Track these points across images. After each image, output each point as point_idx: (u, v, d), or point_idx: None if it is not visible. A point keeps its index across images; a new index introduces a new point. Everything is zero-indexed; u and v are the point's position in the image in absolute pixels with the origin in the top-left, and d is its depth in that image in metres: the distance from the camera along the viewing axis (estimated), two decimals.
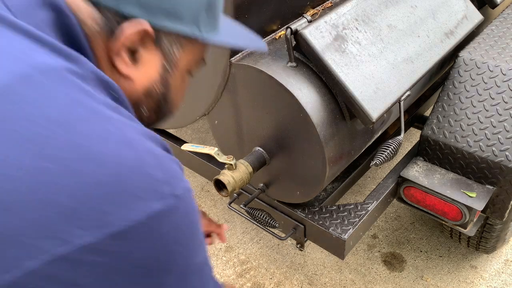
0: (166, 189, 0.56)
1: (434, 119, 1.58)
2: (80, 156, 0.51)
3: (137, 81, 0.69)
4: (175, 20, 0.68)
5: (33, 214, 0.48)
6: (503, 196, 1.49)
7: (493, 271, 2.09)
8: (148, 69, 0.70)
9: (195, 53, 0.76)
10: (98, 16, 0.64)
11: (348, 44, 1.29)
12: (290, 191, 1.46)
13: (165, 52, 0.70)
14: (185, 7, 0.69)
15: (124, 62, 0.67)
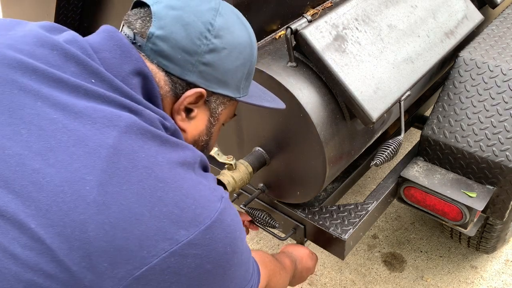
0: (218, 193, 0.75)
1: (435, 119, 1.57)
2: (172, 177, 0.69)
3: (189, 132, 0.86)
4: (224, 87, 0.84)
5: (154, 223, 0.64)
6: (504, 196, 1.49)
7: (493, 271, 2.09)
8: (198, 123, 0.86)
9: (232, 110, 0.94)
10: (168, 81, 0.80)
11: (348, 44, 1.28)
12: (290, 191, 1.46)
13: (212, 110, 0.87)
14: (232, 77, 0.85)
15: (181, 118, 0.83)
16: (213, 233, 0.69)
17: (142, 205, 0.64)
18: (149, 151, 0.68)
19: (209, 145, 0.94)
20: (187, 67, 0.79)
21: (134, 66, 0.75)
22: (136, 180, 0.65)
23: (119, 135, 0.67)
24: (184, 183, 0.69)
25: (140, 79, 0.76)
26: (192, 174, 0.72)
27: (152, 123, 0.72)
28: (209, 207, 0.70)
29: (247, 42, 0.86)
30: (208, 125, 0.89)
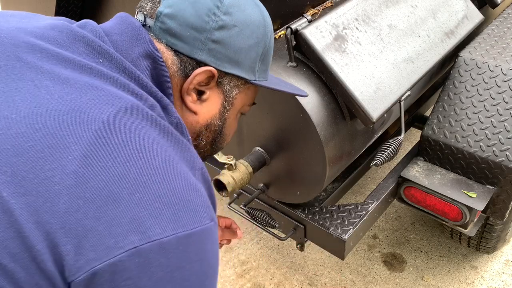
0: (211, 213, 0.66)
1: (435, 119, 1.57)
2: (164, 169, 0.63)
3: (201, 115, 0.83)
4: (236, 67, 0.81)
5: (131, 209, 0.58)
6: (504, 196, 1.49)
7: (493, 272, 2.09)
8: (211, 106, 0.83)
9: (249, 95, 0.89)
10: (177, 60, 0.78)
11: (348, 44, 1.28)
12: (290, 191, 1.46)
13: (225, 93, 0.83)
14: (245, 57, 0.81)
15: (192, 99, 0.80)
16: (188, 247, 0.61)
17: (123, 187, 0.59)
18: (146, 136, 0.64)
19: (224, 133, 0.89)
20: (196, 45, 0.77)
21: (144, 49, 0.74)
22: (123, 160, 0.60)
23: (116, 113, 0.63)
24: (176, 180, 0.64)
25: (150, 62, 0.75)
26: (190, 177, 0.67)
27: (154, 110, 0.69)
28: (195, 217, 0.63)
29: (259, 21, 0.83)
30: (221, 109, 0.85)
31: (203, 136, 0.86)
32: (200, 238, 0.63)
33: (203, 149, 0.89)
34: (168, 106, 0.72)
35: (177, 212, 0.61)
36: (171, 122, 0.72)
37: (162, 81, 0.76)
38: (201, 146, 0.88)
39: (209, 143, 0.88)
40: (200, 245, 0.63)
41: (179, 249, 0.60)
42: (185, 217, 0.62)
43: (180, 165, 0.65)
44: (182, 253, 0.60)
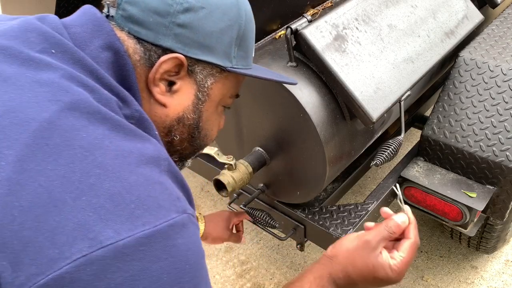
0: (180, 205, 0.60)
1: (435, 119, 1.57)
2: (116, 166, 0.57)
3: (171, 108, 0.76)
4: (208, 53, 0.75)
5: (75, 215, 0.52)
6: (504, 196, 1.49)
7: (493, 272, 2.09)
8: (182, 97, 0.76)
9: (228, 86, 0.82)
10: (140, 49, 0.72)
11: (348, 43, 1.28)
12: (290, 192, 1.46)
13: (199, 83, 0.77)
14: (217, 41, 0.75)
15: (160, 91, 0.74)
16: (152, 246, 0.55)
17: (66, 191, 0.53)
18: (94, 133, 0.58)
19: (202, 128, 0.82)
20: (161, 31, 0.71)
21: (105, 40, 0.69)
22: (66, 161, 0.54)
23: (59, 110, 0.57)
24: (131, 176, 0.57)
25: (111, 53, 0.69)
26: (152, 170, 0.60)
27: (106, 105, 0.62)
28: (157, 213, 0.57)
29: (231, 1, 0.76)
30: (195, 101, 0.77)
31: (175, 131, 0.79)
32: (167, 234, 0.57)
33: (180, 147, 0.82)
34: (128, 99, 0.67)
35: (133, 211, 0.55)
36: (132, 116, 0.66)
37: (125, 73, 0.70)
38: (176, 143, 0.81)
39: (185, 139, 0.81)
40: (168, 242, 0.57)
41: (140, 251, 0.54)
42: (145, 215, 0.56)
43: (137, 159, 0.59)
44: (145, 254, 0.54)
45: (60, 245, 0.51)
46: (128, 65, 0.70)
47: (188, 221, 0.60)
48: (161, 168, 0.62)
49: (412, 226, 0.89)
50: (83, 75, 0.63)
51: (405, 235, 0.89)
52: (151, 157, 0.61)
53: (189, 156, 0.86)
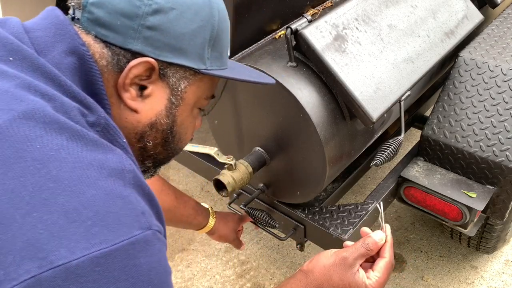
0: (145, 221, 0.57)
1: (435, 119, 1.57)
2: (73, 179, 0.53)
3: (143, 113, 0.72)
4: (180, 56, 0.71)
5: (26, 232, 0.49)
6: (504, 196, 1.49)
7: (493, 272, 2.09)
8: (155, 102, 0.73)
9: (203, 88, 0.78)
10: (108, 53, 0.68)
11: (348, 44, 1.28)
12: (290, 191, 1.46)
13: (172, 86, 0.73)
14: (189, 43, 0.72)
15: (131, 96, 0.70)
16: (110, 266, 0.51)
17: (14, 207, 0.49)
18: (50, 144, 0.54)
19: (177, 132, 0.79)
20: (129, 34, 0.68)
21: (68, 44, 0.65)
22: (16, 174, 0.51)
23: (11, 119, 0.54)
24: (90, 190, 0.53)
25: (75, 58, 0.65)
26: (114, 183, 0.56)
27: (66, 113, 0.58)
28: (117, 230, 0.53)
29: (203, 1, 0.73)
30: (168, 105, 0.74)
31: (148, 137, 0.75)
32: (127, 253, 0.53)
33: (153, 152, 0.78)
34: (92, 105, 0.63)
35: (90, 228, 0.51)
36: (97, 123, 0.63)
37: (91, 79, 0.67)
38: (149, 148, 0.77)
39: (159, 144, 0.78)
40: (129, 261, 0.53)
41: (96, 271, 0.50)
42: (103, 233, 0.52)
43: (98, 172, 0.56)
44: (101, 275, 0.50)
45: (7, 265, 0.47)
46: (94, 70, 0.67)
47: (152, 238, 0.57)
48: (125, 180, 0.58)
49: (388, 245, 0.92)
50: (42, 83, 0.60)
51: (381, 253, 0.92)
52: (113, 169, 0.57)
53: (164, 161, 0.83)
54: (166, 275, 0.59)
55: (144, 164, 0.79)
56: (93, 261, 0.50)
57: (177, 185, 2.65)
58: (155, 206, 0.63)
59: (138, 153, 0.76)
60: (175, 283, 2.12)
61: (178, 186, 2.64)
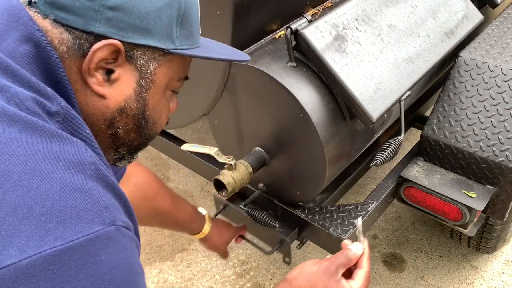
0: (108, 216, 0.53)
1: (435, 119, 1.57)
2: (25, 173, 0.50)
3: (111, 99, 0.69)
4: (147, 36, 0.68)
5: None
6: (504, 196, 1.49)
7: (493, 271, 2.09)
8: (122, 86, 0.69)
9: (175, 69, 0.74)
10: (68, 38, 0.64)
11: (348, 44, 1.28)
12: (290, 191, 1.46)
13: (140, 69, 0.70)
14: (155, 22, 0.68)
15: (97, 81, 0.67)
16: (66, 265, 0.48)
17: None
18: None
19: (149, 117, 0.75)
20: (90, 16, 0.64)
21: (23, 31, 0.61)
22: None
23: None
24: (44, 184, 0.50)
25: (31, 45, 0.61)
26: (73, 176, 0.53)
27: (19, 104, 0.55)
28: (75, 226, 0.50)
29: None
30: (138, 88, 0.70)
31: (118, 123, 0.72)
32: (85, 250, 0.49)
33: (126, 139, 0.75)
34: (51, 95, 0.59)
35: (43, 224, 0.48)
36: (57, 113, 0.59)
37: (51, 66, 0.63)
38: (120, 135, 0.74)
39: (131, 130, 0.74)
40: (87, 259, 0.49)
41: (49, 270, 0.47)
42: (59, 229, 0.48)
43: (53, 164, 0.52)
44: (56, 274, 0.47)
45: None
46: (53, 57, 0.63)
47: (116, 234, 0.53)
48: (86, 173, 0.55)
49: (366, 257, 0.96)
50: None
51: (359, 264, 0.95)
52: (71, 162, 0.54)
53: (139, 147, 0.80)
54: (132, 274, 0.56)
55: (118, 152, 0.77)
56: (46, 259, 0.47)
57: (177, 185, 2.65)
58: (123, 200, 0.60)
59: (109, 141, 0.73)
60: (175, 283, 2.12)
61: (178, 186, 2.64)
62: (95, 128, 0.70)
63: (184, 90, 1.60)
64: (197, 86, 1.49)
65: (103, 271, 0.51)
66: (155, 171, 2.75)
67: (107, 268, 0.51)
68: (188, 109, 1.59)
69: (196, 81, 1.49)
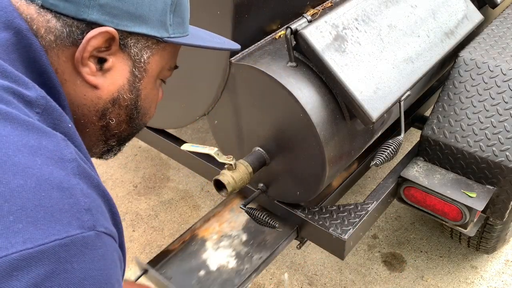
0: (88, 219, 0.48)
1: (434, 119, 1.57)
2: None
3: (104, 89, 0.66)
4: (141, 24, 0.65)
5: None
6: (504, 196, 1.49)
7: (493, 271, 2.09)
8: (116, 76, 0.66)
9: (167, 58, 0.73)
10: (56, 25, 0.61)
11: (348, 44, 1.28)
12: (290, 191, 1.46)
13: (134, 58, 0.67)
14: (150, 9, 0.66)
15: (90, 71, 0.64)
16: (31, 273, 0.42)
17: None
18: None
19: (141, 107, 0.72)
20: (82, 2, 0.60)
21: (1, 18, 0.58)
22: None
23: None
24: (16, 179, 0.45)
25: (10, 34, 0.57)
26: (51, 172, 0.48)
27: None
28: (48, 228, 0.44)
29: None
30: (131, 78, 0.68)
31: (110, 114, 0.69)
32: (56, 256, 0.44)
33: (117, 130, 0.72)
34: (29, 85, 0.55)
35: (12, 224, 0.43)
36: (36, 103, 0.55)
37: (34, 56, 0.59)
38: (112, 127, 0.71)
39: (123, 121, 0.71)
40: (58, 266, 0.44)
41: (13, 276, 0.41)
42: (29, 230, 0.43)
43: (29, 158, 0.47)
44: (20, 281, 0.42)
45: None
46: (34, 45, 0.59)
47: (95, 241, 0.48)
48: (67, 170, 0.49)
49: None
50: None
51: None
52: (48, 158, 0.49)
53: (127, 138, 0.77)
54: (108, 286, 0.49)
55: (107, 144, 0.74)
56: (11, 264, 0.41)
57: (177, 185, 2.66)
58: (109, 203, 0.54)
59: (100, 133, 0.71)
60: None
61: (178, 186, 2.65)
62: (85, 119, 0.67)
63: (184, 90, 1.61)
64: (197, 86, 1.49)
65: (72, 281, 0.45)
66: (155, 171, 2.76)
67: (77, 278, 0.45)
68: (188, 109, 1.59)
69: (196, 81, 1.49)
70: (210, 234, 1.54)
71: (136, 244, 2.30)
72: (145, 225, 2.41)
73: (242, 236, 1.53)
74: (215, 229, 1.56)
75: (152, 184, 2.67)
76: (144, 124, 0.77)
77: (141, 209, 2.51)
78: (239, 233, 1.54)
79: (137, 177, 2.72)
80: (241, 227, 1.55)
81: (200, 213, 2.45)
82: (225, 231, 1.55)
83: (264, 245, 1.48)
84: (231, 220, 1.59)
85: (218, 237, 1.52)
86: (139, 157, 2.86)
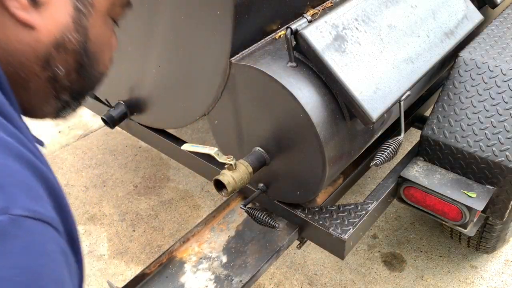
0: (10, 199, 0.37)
1: (434, 119, 1.57)
2: None
3: (42, 30, 0.53)
4: None
5: None
6: (503, 196, 1.49)
7: (493, 271, 2.09)
8: (56, 12, 0.54)
9: None
10: None
11: (348, 44, 1.28)
12: (290, 191, 1.46)
13: None
14: None
15: (20, 5, 0.51)
16: None
17: None
18: None
19: (92, 51, 0.60)
20: None
21: None
22: None
23: None
24: None
25: None
26: None
27: None
28: None
29: None
30: (75, 15, 0.55)
31: (56, 61, 0.56)
32: None
33: (69, 82, 0.60)
34: None
35: None
36: None
37: None
38: (60, 77, 0.58)
39: (73, 70, 0.59)
40: None
41: None
42: None
43: None
44: None
45: None
46: None
47: (9, 229, 0.36)
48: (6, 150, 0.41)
49: None
50: None
51: None
52: None
53: (83, 91, 0.65)
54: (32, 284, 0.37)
55: (60, 99, 0.62)
56: None
57: (177, 185, 2.66)
58: (47, 183, 0.43)
59: (47, 86, 0.58)
60: None
61: (178, 186, 2.65)
62: (26, 71, 0.55)
63: (184, 90, 1.61)
64: (197, 86, 1.50)
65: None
66: (155, 171, 2.76)
67: None
68: (188, 109, 1.59)
69: (196, 81, 1.49)
70: (189, 255, 1.49)
71: (136, 244, 2.31)
72: (145, 225, 2.42)
73: (222, 257, 1.48)
74: (194, 250, 1.51)
75: (152, 184, 2.67)
76: (99, 75, 0.65)
77: (141, 209, 2.52)
78: (219, 254, 1.49)
79: (137, 177, 2.72)
80: (221, 248, 1.50)
81: (200, 213, 2.46)
82: (205, 253, 1.50)
83: (245, 267, 1.43)
84: (211, 240, 1.54)
85: (197, 259, 1.47)
86: (139, 157, 2.87)
